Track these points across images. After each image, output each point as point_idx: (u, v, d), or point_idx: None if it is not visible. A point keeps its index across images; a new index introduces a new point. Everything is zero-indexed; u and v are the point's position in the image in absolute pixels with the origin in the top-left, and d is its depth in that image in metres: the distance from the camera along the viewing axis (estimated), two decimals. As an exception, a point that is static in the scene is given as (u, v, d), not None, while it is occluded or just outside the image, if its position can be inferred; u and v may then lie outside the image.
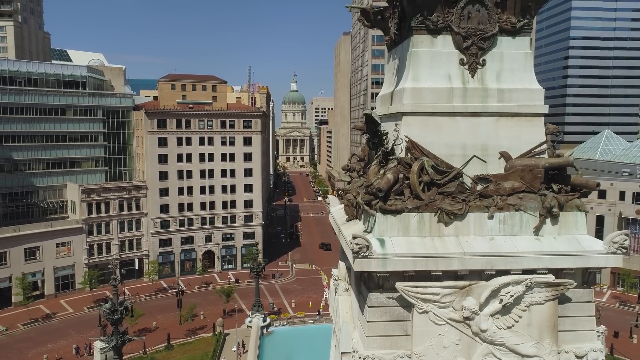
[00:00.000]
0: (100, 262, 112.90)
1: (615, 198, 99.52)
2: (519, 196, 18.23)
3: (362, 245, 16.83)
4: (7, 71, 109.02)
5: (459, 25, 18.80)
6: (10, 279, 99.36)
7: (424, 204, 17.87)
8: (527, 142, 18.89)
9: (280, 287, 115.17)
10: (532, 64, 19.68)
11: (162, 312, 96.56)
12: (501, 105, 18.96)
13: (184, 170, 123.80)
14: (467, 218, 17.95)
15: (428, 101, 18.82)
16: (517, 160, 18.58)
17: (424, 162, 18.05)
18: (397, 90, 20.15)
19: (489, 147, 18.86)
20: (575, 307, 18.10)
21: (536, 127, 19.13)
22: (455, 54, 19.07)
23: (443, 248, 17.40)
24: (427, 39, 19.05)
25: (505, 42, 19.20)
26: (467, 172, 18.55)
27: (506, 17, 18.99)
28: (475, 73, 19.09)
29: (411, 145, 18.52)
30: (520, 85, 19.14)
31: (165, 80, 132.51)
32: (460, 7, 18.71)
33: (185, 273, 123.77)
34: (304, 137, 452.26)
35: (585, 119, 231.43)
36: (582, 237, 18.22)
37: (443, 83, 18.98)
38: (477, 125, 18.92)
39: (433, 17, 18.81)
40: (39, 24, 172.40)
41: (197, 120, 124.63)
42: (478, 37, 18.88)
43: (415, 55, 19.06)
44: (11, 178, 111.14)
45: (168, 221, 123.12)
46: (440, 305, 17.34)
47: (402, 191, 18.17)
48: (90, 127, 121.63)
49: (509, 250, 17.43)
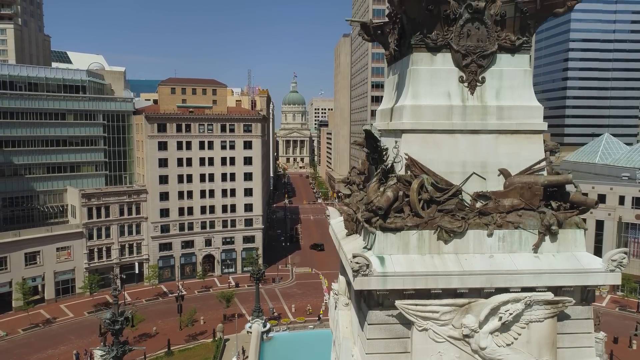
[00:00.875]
0: (100, 266, 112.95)
1: (614, 203, 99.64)
2: (518, 213, 18.30)
3: (362, 264, 16.92)
4: (8, 76, 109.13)
5: (459, 43, 18.89)
6: (11, 283, 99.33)
7: (423, 221, 17.96)
8: (527, 159, 18.98)
9: (280, 292, 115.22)
10: (531, 81, 19.79)
11: (162, 317, 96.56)
12: (500, 122, 19.05)
13: (184, 175, 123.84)
14: (466, 236, 18.04)
15: (428, 119, 18.92)
16: (516, 177, 18.66)
17: (424, 179, 18.13)
18: (396, 106, 20.26)
19: (488, 164, 18.95)
20: (574, 324, 18.18)
21: (535, 144, 19.22)
22: (454, 71, 19.16)
23: (443, 266, 17.49)
24: (427, 56, 19.15)
25: (504, 60, 19.29)
26: (467, 189, 18.63)
27: (505, 35, 19.08)
28: (475, 90, 19.19)
29: (411, 163, 18.61)
30: (520, 103, 19.23)
31: (166, 84, 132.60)
32: (459, 25, 18.80)
33: (186, 277, 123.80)
34: (304, 138, 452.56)
35: (585, 121, 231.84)
36: (581, 254, 18.27)
37: (442, 100, 19.08)
38: (477, 142, 19.01)
39: (433, 35, 18.90)
40: (39, 26, 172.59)
41: (197, 125, 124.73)
42: (477, 55, 18.97)
43: (414, 73, 19.17)
44: (11, 182, 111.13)
45: (168, 225, 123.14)
46: (439, 323, 17.42)
47: (402, 209, 18.26)
48: (91, 131, 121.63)
49: (508, 268, 17.52)
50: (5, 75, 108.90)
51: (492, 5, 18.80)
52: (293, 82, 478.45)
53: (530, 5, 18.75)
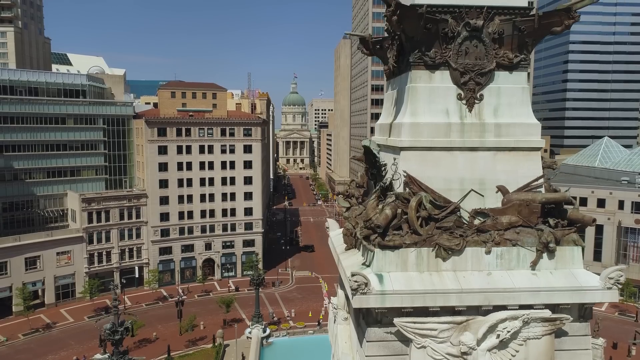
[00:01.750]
0: (100, 270, 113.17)
1: (614, 207, 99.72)
2: (516, 231, 18.41)
3: (361, 283, 17.03)
4: (8, 80, 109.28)
5: (457, 61, 19.02)
6: (11, 288, 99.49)
7: (422, 239, 18.07)
8: (524, 176, 19.09)
9: (280, 296, 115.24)
10: (529, 98, 19.93)
11: (163, 322, 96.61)
12: (498, 140, 19.17)
13: (184, 179, 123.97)
14: (464, 253, 18.15)
15: (426, 136, 19.04)
16: (514, 194, 18.76)
17: (422, 197, 18.24)
18: (395, 123, 20.37)
19: (486, 181, 19.06)
20: (571, 340, 18.26)
21: (533, 161, 19.35)
22: (453, 88, 19.28)
23: (441, 284, 17.59)
24: (425, 74, 19.27)
25: (502, 77, 19.41)
26: (465, 206, 18.73)
27: (503, 53, 19.21)
28: (473, 108, 19.30)
29: (409, 180, 18.71)
30: (518, 120, 19.35)
31: (166, 89, 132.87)
32: (457, 43, 18.93)
33: (186, 281, 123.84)
34: (304, 139, 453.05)
35: (585, 123, 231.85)
36: (579, 271, 18.36)
37: (441, 118, 19.19)
38: (475, 159, 19.12)
39: (431, 53, 19.03)
40: (39, 29, 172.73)
41: (197, 129, 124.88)
42: (475, 73, 19.09)
43: (413, 91, 19.29)
44: (12, 187, 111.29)
45: (168, 229, 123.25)
46: (438, 340, 17.51)
47: (401, 226, 18.37)
48: (91, 135, 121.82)
49: (506, 286, 17.61)
50: (6, 80, 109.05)
51: (490, 23, 18.93)
52: (293, 83, 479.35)
53: (528, 24, 18.90)
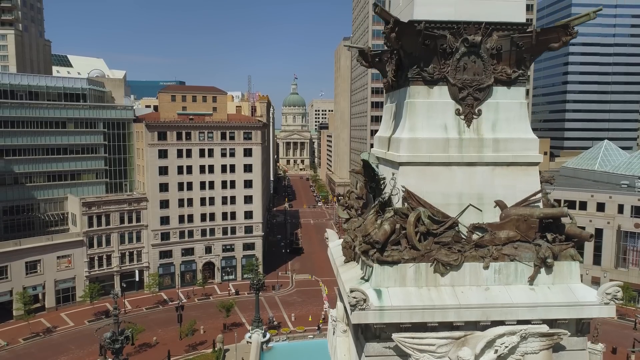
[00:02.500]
0: (100, 274, 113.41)
1: (614, 211, 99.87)
2: (514, 246, 18.51)
3: (359, 299, 17.14)
4: (9, 85, 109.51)
5: (455, 77, 19.12)
6: (11, 292, 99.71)
7: (420, 254, 18.17)
8: (522, 191, 19.19)
9: (280, 299, 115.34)
10: (527, 113, 20.03)
11: (163, 326, 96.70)
12: (497, 155, 19.27)
13: (184, 182, 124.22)
14: (462, 268, 18.26)
15: (424, 151, 19.14)
16: (512, 209, 18.86)
17: (421, 212, 18.34)
18: (394, 137, 20.48)
19: (484, 195, 19.17)
20: (569, 355, 18.36)
21: (531, 176, 19.45)
22: (451, 104, 19.39)
23: (439, 300, 17.69)
24: (424, 89, 19.39)
25: (500, 92, 19.51)
26: (463, 220, 18.83)
27: (501, 68, 19.31)
28: (471, 123, 19.40)
29: (408, 195, 18.82)
30: (516, 135, 19.45)
31: (166, 92, 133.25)
32: (456, 59, 19.05)
33: (186, 284, 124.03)
34: (304, 140, 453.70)
35: (585, 125, 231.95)
36: (576, 286, 18.46)
37: (439, 133, 19.30)
38: (473, 174, 19.23)
39: (429, 68, 19.15)
40: (39, 31, 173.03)
41: (197, 132, 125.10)
42: (474, 88, 19.20)
43: (411, 106, 19.40)
44: (12, 191, 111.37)
45: (168, 233, 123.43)
46: (436, 356, 17.60)
47: (399, 241, 18.47)
48: (91, 139, 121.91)
49: (504, 302, 17.71)
50: (6, 84, 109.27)
51: (489, 39, 19.05)
52: (293, 84, 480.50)
53: (525, 40, 19.03)
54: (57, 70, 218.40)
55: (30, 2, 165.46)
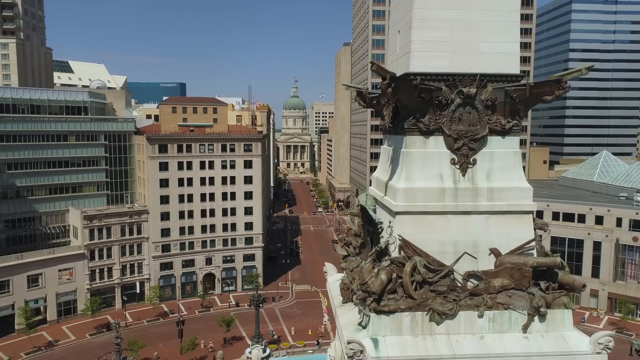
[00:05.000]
0: (102, 286, 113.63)
1: (612, 224, 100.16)
2: (508, 294, 18.95)
3: (356, 350, 17.57)
4: (10, 99, 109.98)
5: (450, 128, 19.62)
6: (13, 306, 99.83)
7: (416, 303, 18.61)
8: (517, 239, 19.63)
9: (280, 312, 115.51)
10: (521, 162, 20.47)
11: (164, 340, 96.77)
12: (491, 204, 19.72)
13: (184, 194, 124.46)
14: (458, 317, 18.70)
15: (421, 201, 19.60)
16: (506, 257, 19.31)
17: (416, 262, 18.80)
18: (390, 185, 20.92)
19: (479, 243, 19.62)
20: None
21: (525, 224, 19.90)
22: (446, 153, 19.87)
23: (435, 350, 18.11)
24: (420, 139, 19.87)
25: (495, 142, 19.98)
26: (459, 268, 19.29)
27: (496, 119, 19.79)
28: (466, 172, 19.87)
29: (404, 244, 19.27)
30: (510, 184, 19.89)
31: (167, 104, 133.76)
32: (451, 110, 19.55)
33: (186, 295, 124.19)
34: (305, 143, 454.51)
35: (585, 130, 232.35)
36: (569, 334, 18.86)
37: (435, 183, 19.76)
38: (468, 223, 19.69)
39: (425, 119, 19.64)
40: (41, 40, 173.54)
41: (197, 145, 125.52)
42: (469, 139, 19.68)
43: (408, 156, 19.87)
44: (14, 204, 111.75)
45: (169, 244, 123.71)
46: (432, 404, 18.05)
47: (396, 290, 18.92)
48: (92, 152, 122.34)
49: (498, 351, 18.14)
50: (8, 98, 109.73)
51: (483, 91, 19.55)
52: (294, 87, 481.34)
53: (519, 92, 19.53)
54: (58, 77, 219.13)
55: (32, 11, 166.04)
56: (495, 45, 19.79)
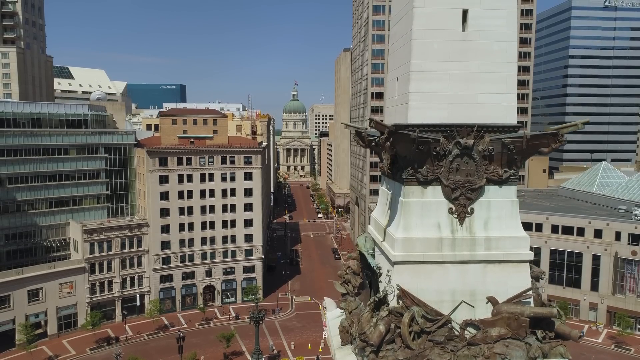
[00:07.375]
0: (102, 300, 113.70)
1: (611, 238, 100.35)
2: (505, 343, 19.15)
3: (356, 401, 17.85)
4: (11, 113, 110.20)
5: (448, 178, 19.90)
6: (14, 321, 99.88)
7: (414, 354, 18.83)
8: (514, 287, 19.90)
9: (279, 325, 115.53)
10: (517, 211, 20.71)
11: (164, 354, 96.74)
12: (488, 253, 20.01)
13: (184, 207, 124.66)
14: (455, 367, 18.91)
15: (419, 250, 19.88)
16: (503, 305, 19.56)
17: (414, 312, 19.07)
18: (389, 232, 21.16)
19: (476, 292, 19.88)
20: None
21: (522, 273, 20.16)
22: (444, 203, 20.15)
23: (432, 402, 18.35)
24: (418, 189, 20.15)
25: (492, 191, 20.26)
26: (456, 317, 19.55)
27: (493, 169, 20.08)
28: (464, 221, 20.16)
29: (402, 294, 19.55)
30: (507, 234, 20.17)
31: (167, 116, 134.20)
32: (449, 161, 19.84)
33: (186, 307, 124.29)
34: (305, 146, 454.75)
35: (584, 137, 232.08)
36: (566, 383, 19.10)
37: (433, 232, 20.04)
38: (466, 272, 19.97)
39: (423, 170, 19.93)
40: (41, 48, 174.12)
41: (197, 157, 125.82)
42: (466, 189, 19.95)
43: (406, 206, 20.14)
44: (15, 218, 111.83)
45: (169, 257, 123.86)
46: None
47: (394, 340, 19.19)
48: (93, 164, 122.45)
49: (495, 403, 18.37)
50: (9, 112, 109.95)
51: (481, 141, 19.85)
52: (294, 90, 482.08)
53: (516, 144, 19.82)
54: (58, 83, 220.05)
55: (32, 20, 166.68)
56: (492, 96, 20.10)
